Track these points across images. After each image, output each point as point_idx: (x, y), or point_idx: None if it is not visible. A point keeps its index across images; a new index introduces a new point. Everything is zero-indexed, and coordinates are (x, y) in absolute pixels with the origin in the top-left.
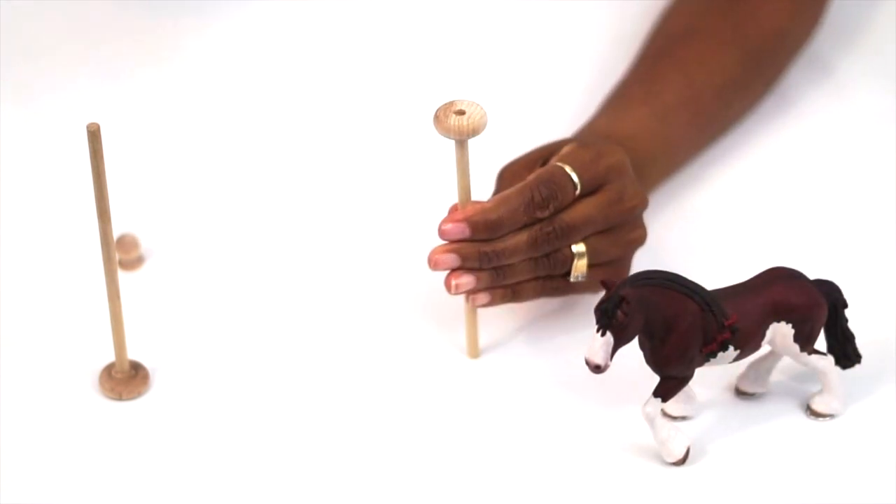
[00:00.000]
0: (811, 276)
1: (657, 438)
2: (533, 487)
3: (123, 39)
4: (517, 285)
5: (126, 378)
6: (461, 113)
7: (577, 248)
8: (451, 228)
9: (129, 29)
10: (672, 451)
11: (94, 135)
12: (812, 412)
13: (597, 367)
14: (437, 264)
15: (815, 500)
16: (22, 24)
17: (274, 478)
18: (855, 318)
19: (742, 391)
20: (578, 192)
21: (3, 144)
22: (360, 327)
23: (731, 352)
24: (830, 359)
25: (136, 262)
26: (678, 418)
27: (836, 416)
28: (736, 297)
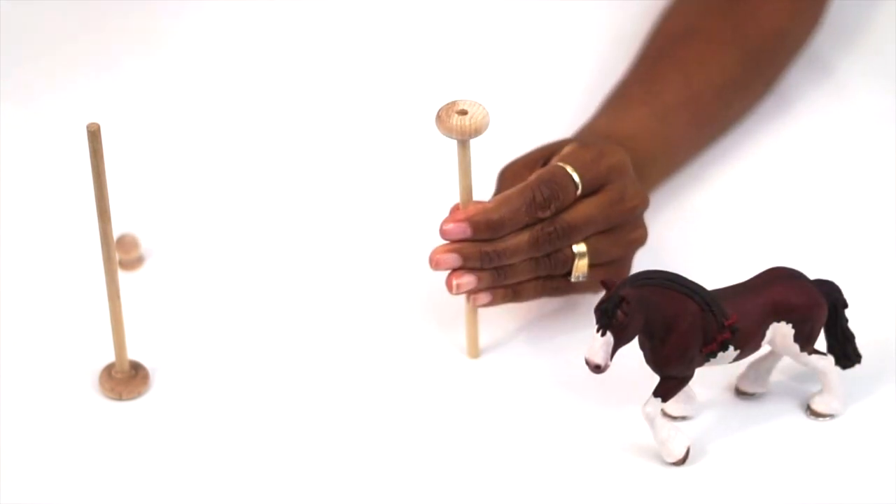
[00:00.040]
0: (811, 276)
1: (657, 438)
2: (533, 487)
3: (124, 39)
4: (518, 285)
5: (126, 378)
6: (463, 113)
7: (578, 248)
8: (453, 228)
9: (129, 29)
10: (672, 451)
11: (94, 135)
12: (812, 412)
13: (597, 367)
14: (438, 264)
15: (815, 500)
16: (22, 24)
17: (274, 478)
18: (855, 318)
19: (742, 391)
20: (580, 192)
21: (3, 144)
22: (361, 327)
23: (731, 352)
24: (830, 359)
25: (136, 262)
26: (678, 418)
27: (836, 416)
28: (736, 297)
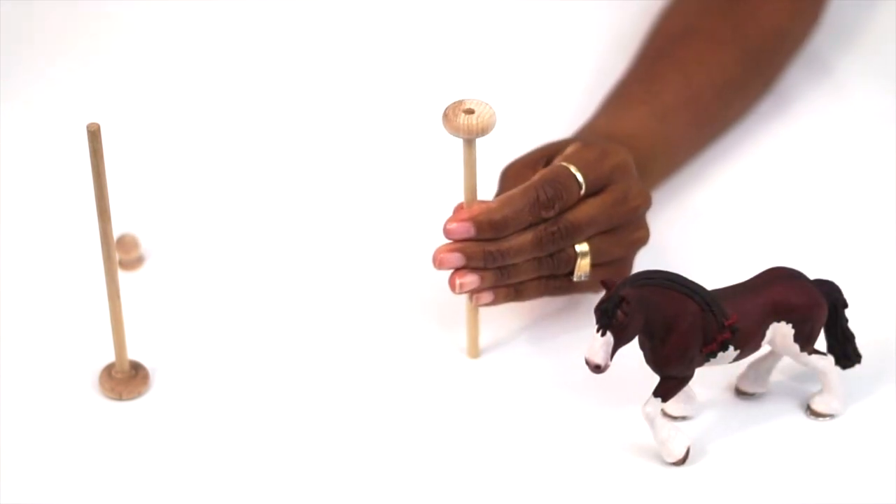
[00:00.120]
0: (811, 276)
1: (657, 438)
2: (533, 487)
3: (124, 40)
4: (520, 284)
5: (126, 378)
6: (470, 112)
7: (581, 247)
8: (457, 228)
9: (129, 29)
10: (672, 451)
11: (94, 135)
12: (812, 412)
13: (597, 367)
14: (441, 263)
15: (815, 500)
16: (22, 24)
17: (274, 477)
18: (855, 318)
19: (742, 391)
20: (583, 191)
21: (3, 144)
22: (361, 326)
23: (731, 352)
24: (830, 359)
25: (136, 262)
26: (678, 418)
27: (836, 416)
28: (736, 297)
